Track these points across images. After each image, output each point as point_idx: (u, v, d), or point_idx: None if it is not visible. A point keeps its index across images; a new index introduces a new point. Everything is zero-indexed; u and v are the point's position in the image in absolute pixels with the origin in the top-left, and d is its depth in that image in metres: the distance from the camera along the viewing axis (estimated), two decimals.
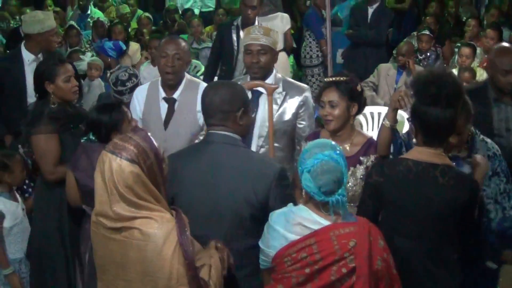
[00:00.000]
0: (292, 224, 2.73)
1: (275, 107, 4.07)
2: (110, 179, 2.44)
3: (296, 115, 4.10)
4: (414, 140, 3.23)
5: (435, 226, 3.07)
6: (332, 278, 2.68)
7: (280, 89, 4.09)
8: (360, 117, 6.60)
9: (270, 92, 3.96)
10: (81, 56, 7.05)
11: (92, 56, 7.99)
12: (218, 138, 3.07)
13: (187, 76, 4.43)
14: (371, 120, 6.52)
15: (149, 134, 2.58)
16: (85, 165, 3.61)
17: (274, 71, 4.16)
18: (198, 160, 2.83)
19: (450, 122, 3.09)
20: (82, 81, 6.93)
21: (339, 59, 8.97)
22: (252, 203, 2.95)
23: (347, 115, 3.60)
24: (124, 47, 8.28)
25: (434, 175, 3.06)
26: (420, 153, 3.12)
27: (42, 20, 5.47)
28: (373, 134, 6.55)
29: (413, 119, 3.17)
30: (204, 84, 4.46)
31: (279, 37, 4.21)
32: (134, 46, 8.75)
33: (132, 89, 4.68)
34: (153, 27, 10.06)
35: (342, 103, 3.55)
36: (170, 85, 4.31)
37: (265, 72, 4.09)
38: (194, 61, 8.08)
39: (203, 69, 8.13)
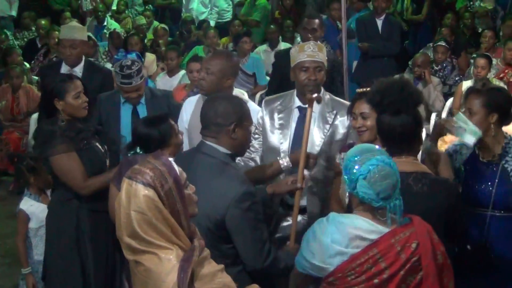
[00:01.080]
0: (349, 239, 2.64)
1: (326, 126, 4.00)
2: (126, 206, 2.34)
3: (346, 134, 4.00)
4: None
5: None
6: (401, 282, 2.62)
7: (330, 108, 4.02)
8: None
9: (310, 102, 3.78)
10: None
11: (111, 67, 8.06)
12: (206, 149, 3.14)
13: (236, 91, 4.36)
14: None
15: (170, 159, 2.48)
16: None
17: (322, 89, 4.07)
18: (181, 165, 2.81)
19: (403, 129, 3.06)
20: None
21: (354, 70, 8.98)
22: (209, 216, 2.99)
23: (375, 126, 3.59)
24: (141, 59, 8.32)
25: (407, 184, 2.98)
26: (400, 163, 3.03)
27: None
28: None
29: (378, 132, 3.21)
30: (251, 103, 4.43)
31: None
32: (150, 57, 8.82)
33: (139, 72, 4.59)
34: (169, 38, 10.14)
35: (374, 114, 3.44)
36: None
37: (319, 89, 4.02)
38: None
39: None
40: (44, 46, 9.50)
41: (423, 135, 6.24)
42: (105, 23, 10.99)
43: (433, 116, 7.00)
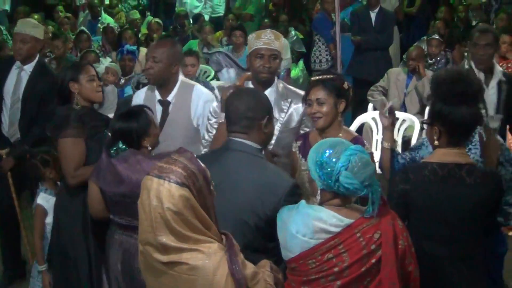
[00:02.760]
0: (313, 232, 2.65)
1: (282, 114, 4.07)
2: (158, 206, 2.29)
3: (300, 122, 4.11)
4: (436, 142, 3.18)
5: (467, 227, 3.04)
6: (362, 270, 2.64)
7: (285, 97, 4.09)
8: (370, 121, 6.62)
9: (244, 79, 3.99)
10: (101, 59, 7.03)
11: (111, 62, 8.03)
12: (236, 145, 3.06)
13: (182, 78, 4.46)
14: (381, 125, 6.50)
15: (194, 155, 2.46)
16: (112, 174, 3.56)
17: (276, 79, 4.15)
18: (213, 166, 2.76)
19: (476, 119, 3.10)
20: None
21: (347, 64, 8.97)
22: (257, 213, 2.91)
23: (335, 112, 3.61)
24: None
25: (461, 176, 3.04)
26: (444, 155, 3.10)
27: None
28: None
29: (435, 121, 3.14)
30: (199, 86, 4.50)
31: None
32: (144, 52, 8.77)
33: None
34: (163, 33, 10.12)
35: (330, 100, 3.58)
36: (158, 86, 4.37)
37: (272, 78, 4.10)
38: (203, 66, 8.12)
39: (213, 74, 8.17)
40: None
41: (417, 127, 6.28)
42: (100, 18, 10.96)
43: (427, 110, 6.98)
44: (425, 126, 3.30)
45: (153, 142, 3.67)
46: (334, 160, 2.63)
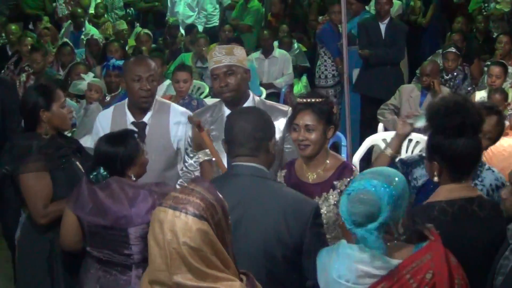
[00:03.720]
0: (357, 277, 2.64)
1: None
2: (172, 241, 2.25)
3: (283, 139, 4.09)
4: (436, 178, 3.18)
5: (480, 266, 3.01)
6: None
7: None
8: (380, 143, 6.63)
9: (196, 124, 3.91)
10: (82, 75, 7.08)
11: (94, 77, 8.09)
12: (245, 170, 3.06)
13: (157, 97, 4.50)
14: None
15: (212, 184, 2.42)
16: (93, 202, 3.54)
17: (251, 94, 4.18)
18: (224, 195, 2.80)
19: (478, 150, 3.13)
20: (78, 103, 7.02)
21: (355, 79, 9.02)
22: (285, 242, 2.93)
23: (323, 139, 3.65)
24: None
25: (473, 210, 3.05)
26: (450, 192, 3.10)
27: None
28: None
29: (434, 155, 3.15)
30: (175, 106, 4.56)
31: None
32: None
33: None
34: (153, 45, 10.20)
35: (319, 127, 3.61)
36: (143, 108, 4.40)
37: (239, 95, 4.09)
38: (197, 82, 8.19)
39: (207, 90, 8.22)
40: (15, 54, 9.54)
41: None
42: (83, 29, 11.04)
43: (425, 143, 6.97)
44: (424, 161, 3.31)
45: (138, 172, 3.65)
46: (353, 183, 2.73)
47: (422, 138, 6.49)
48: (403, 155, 6.39)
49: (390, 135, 6.46)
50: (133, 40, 10.77)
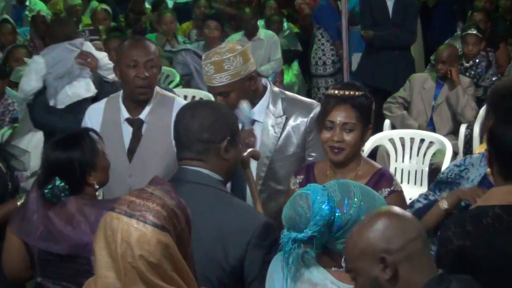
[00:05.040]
0: None
1: (273, 135, 4.03)
2: (127, 254, 2.27)
3: (303, 146, 4.03)
4: (488, 170, 3.23)
5: None
6: None
7: (279, 111, 4.04)
8: (386, 143, 6.58)
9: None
10: (26, 60, 6.92)
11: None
12: (190, 176, 3.08)
13: (158, 89, 4.44)
14: (401, 149, 6.49)
15: (173, 187, 2.46)
16: (45, 226, 3.50)
17: (268, 86, 4.10)
18: None
19: None
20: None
21: (355, 67, 9.00)
22: (221, 265, 2.96)
23: (360, 142, 3.61)
24: None
25: None
26: (506, 194, 3.08)
27: None
28: (404, 166, 6.61)
29: (489, 145, 3.16)
30: (180, 99, 4.52)
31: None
32: (99, 44, 8.74)
33: None
34: (112, 24, 10.13)
35: (359, 127, 3.55)
36: (140, 102, 4.31)
37: (251, 100, 4.01)
38: (165, 68, 8.07)
39: (178, 79, 8.12)
40: None
41: (449, 151, 6.25)
42: (28, 3, 11.05)
43: (463, 129, 6.99)
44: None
45: (101, 179, 3.64)
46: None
47: (437, 138, 6.45)
48: (414, 157, 6.42)
49: (398, 134, 6.47)
50: (88, 17, 10.75)
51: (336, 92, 3.60)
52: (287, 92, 4.23)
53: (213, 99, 4.27)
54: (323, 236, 2.68)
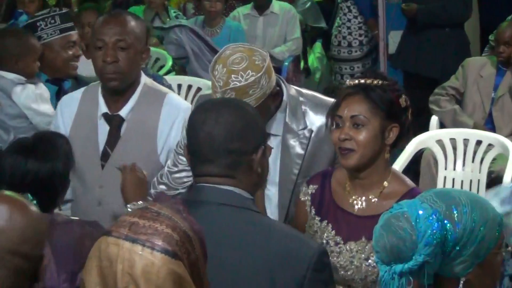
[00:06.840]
0: None
1: (297, 154, 4.05)
2: (127, 284, 2.29)
3: (333, 159, 4.04)
4: None
5: None
6: None
7: (301, 123, 4.05)
8: (433, 146, 6.56)
9: None
10: None
11: None
12: (215, 195, 3.04)
13: (147, 80, 4.49)
14: (452, 153, 6.47)
15: (185, 206, 2.47)
16: None
17: (284, 92, 4.04)
18: None
19: None
20: None
21: (393, 49, 9.05)
22: None
23: (380, 143, 3.59)
24: None
25: None
26: None
27: None
28: (455, 174, 6.60)
29: None
30: (176, 98, 4.59)
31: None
32: None
33: None
34: None
35: (374, 122, 3.54)
36: (114, 92, 4.34)
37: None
38: (154, 49, 8.08)
39: (170, 63, 8.13)
40: None
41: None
42: None
43: None
44: None
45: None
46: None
47: (498, 140, 6.44)
48: (468, 164, 6.42)
49: (448, 134, 6.46)
50: None
51: (349, 82, 3.68)
52: (305, 91, 4.21)
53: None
54: (436, 259, 2.62)
